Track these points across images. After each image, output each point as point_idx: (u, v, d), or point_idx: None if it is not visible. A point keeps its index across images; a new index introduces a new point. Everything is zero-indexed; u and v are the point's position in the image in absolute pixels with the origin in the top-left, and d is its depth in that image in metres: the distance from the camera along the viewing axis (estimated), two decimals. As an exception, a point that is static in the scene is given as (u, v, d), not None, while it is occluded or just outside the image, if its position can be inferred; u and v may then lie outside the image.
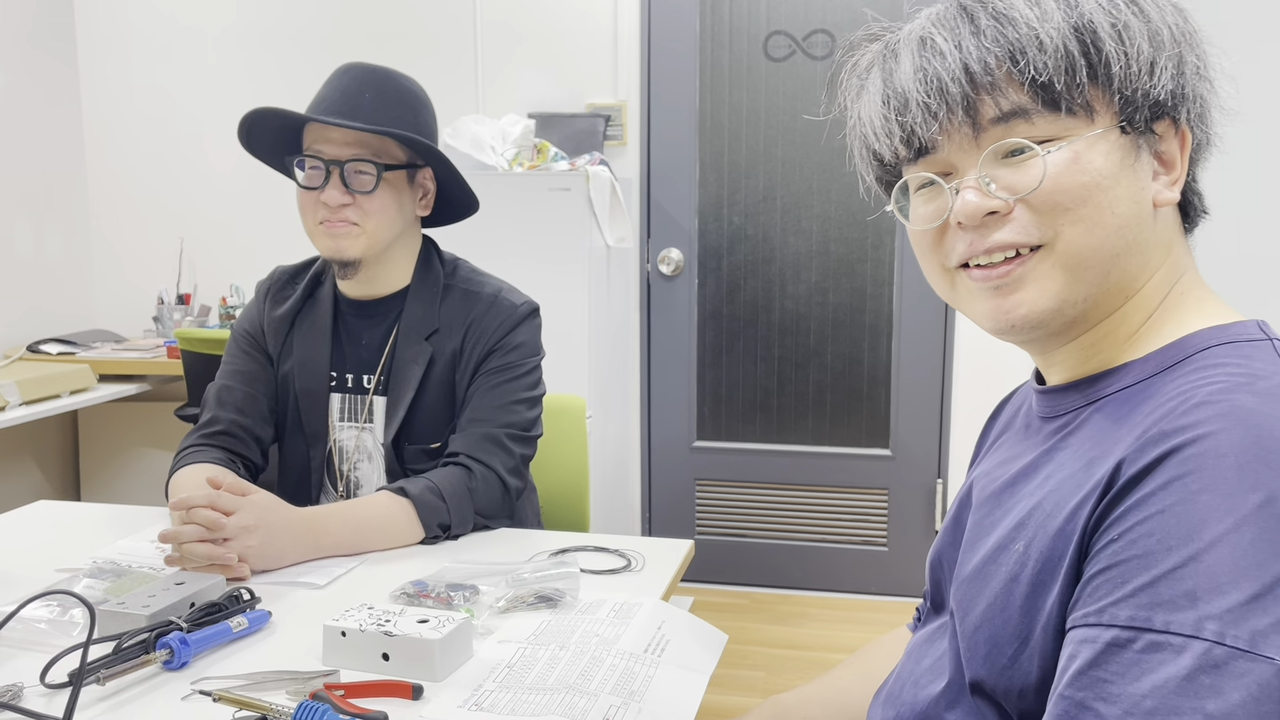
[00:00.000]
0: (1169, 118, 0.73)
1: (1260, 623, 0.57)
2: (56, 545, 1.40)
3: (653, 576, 1.29)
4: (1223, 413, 0.62)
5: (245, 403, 1.57)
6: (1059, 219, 0.71)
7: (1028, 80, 0.70)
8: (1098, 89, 0.71)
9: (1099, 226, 0.70)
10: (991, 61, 0.70)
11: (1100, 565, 0.63)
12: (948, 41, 0.72)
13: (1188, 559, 0.59)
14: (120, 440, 3.52)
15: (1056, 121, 0.70)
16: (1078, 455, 0.72)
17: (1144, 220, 0.72)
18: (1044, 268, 0.72)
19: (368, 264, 1.50)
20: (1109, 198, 0.70)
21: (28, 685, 0.96)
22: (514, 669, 1.01)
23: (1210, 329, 0.72)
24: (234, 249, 3.53)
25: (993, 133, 0.72)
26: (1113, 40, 0.70)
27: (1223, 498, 0.59)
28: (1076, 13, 0.70)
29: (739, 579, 3.41)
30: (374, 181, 1.44)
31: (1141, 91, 0.71)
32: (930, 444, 3.26)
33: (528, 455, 1.54)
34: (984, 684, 0.72)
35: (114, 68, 3.58)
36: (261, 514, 1.29)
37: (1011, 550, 0.72)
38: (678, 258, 3.31)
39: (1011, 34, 0.70)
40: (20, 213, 3.38)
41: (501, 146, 2.96)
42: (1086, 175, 0.70)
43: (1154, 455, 0.63)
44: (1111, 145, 0.71)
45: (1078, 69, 0.69)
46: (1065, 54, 0.69)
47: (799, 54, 3.20)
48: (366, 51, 3.32)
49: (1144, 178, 0.72)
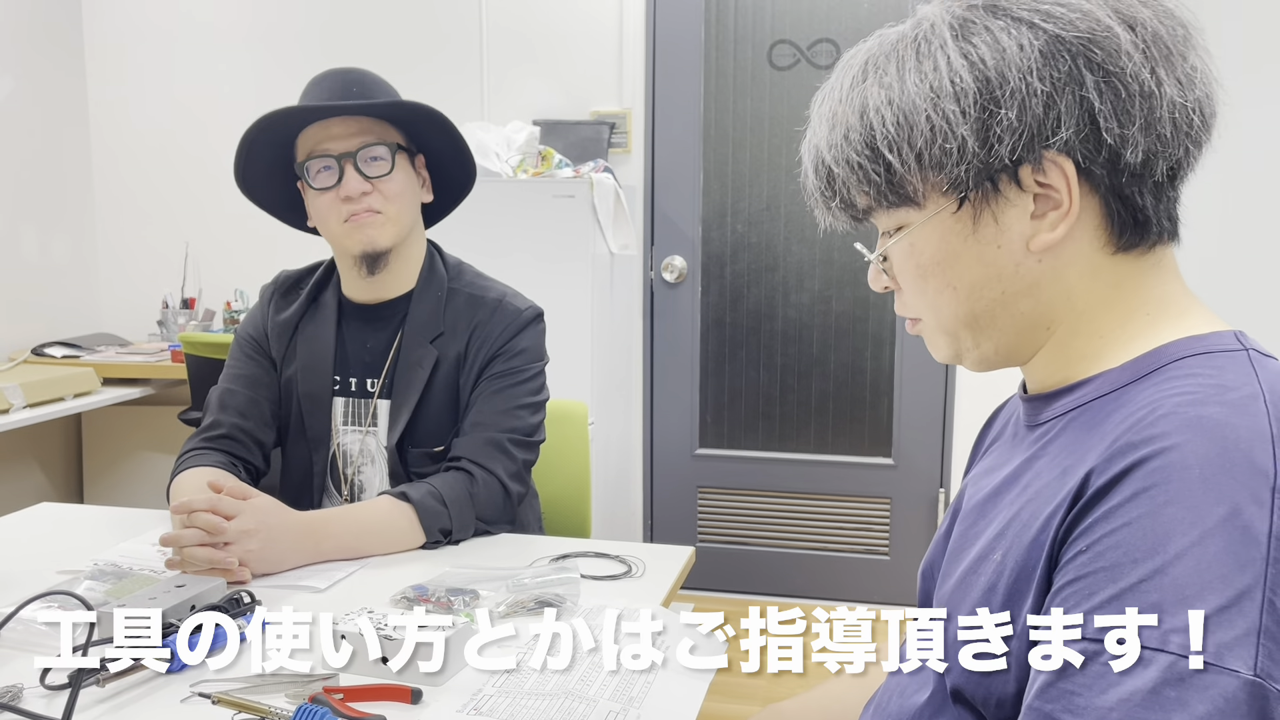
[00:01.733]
0: (1026, 164, 0.69)
1: (1225, 635, 0.57)
2: (58, 547, 1.40)
3: (653, 583, 1.29)
4: (1189, 423, 0.63)
5: (247, 406, 1.57)
6: (915, 302, 0.80)
7: (852, 191, 0.77)
8: (911, 178, 0.73)
9: (944, 305, 0.77)
10: (821, 184, 0.78)
11: (1069, 576, 0.64)
12: (808, 157, 0.79)
13: (1153, 572, 0.59)
14: (123, 443, 3.53)
15: (894, 214, 0.76)
16: (1054, 464, 0.72)
17: (1008, 273, 0.73)
18: (926, 333, 0.82)
19: (395, 255, 1.51)
20: (947, 275, 0.75)
21: (28, 686, 0.97)
22: (513, 674, 1.01)
23: (1186, 339, 0.72)
24: (239, 253, 3.54)
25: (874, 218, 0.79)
26: (891, 148, 0.72)
27: (1188, 510, 0.60)
28: (865, 123, 0.73)
29: (740, 587, 3.40)
30: (389, 165, 1.45)
31: (952, 174, 0.71)
32: (933, 453, 3.26)
33: (530, 460, 1.54)
34: (964, 692, 0.73)
35: (121, 73, 3.59)
36: (262, 518, 1.29)
37: (990, 560, 0.73)
38: (681, 265, 3.31)
39: (825, 157, 0.77)
40: (26, 216, 3.39)
41: (506, 153, 2.97)
42: (920, 266, 0.76)
43: (1121, 466, 0.63)
44: (944, 224, 0.74)
45: (871, 176, 0.74)
46: (859, 167, 0.74)
47: (803, 63, 3.20)
48: (372, 58, 3.33)
49: (999, 235, 0.72)
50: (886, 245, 0.78)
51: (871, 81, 0.73)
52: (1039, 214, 0.71)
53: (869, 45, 0.77)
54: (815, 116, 0.78)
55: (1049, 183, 0.70)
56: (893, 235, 0.78)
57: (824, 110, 0.77)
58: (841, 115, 0.75)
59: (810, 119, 0.79)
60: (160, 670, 1.00)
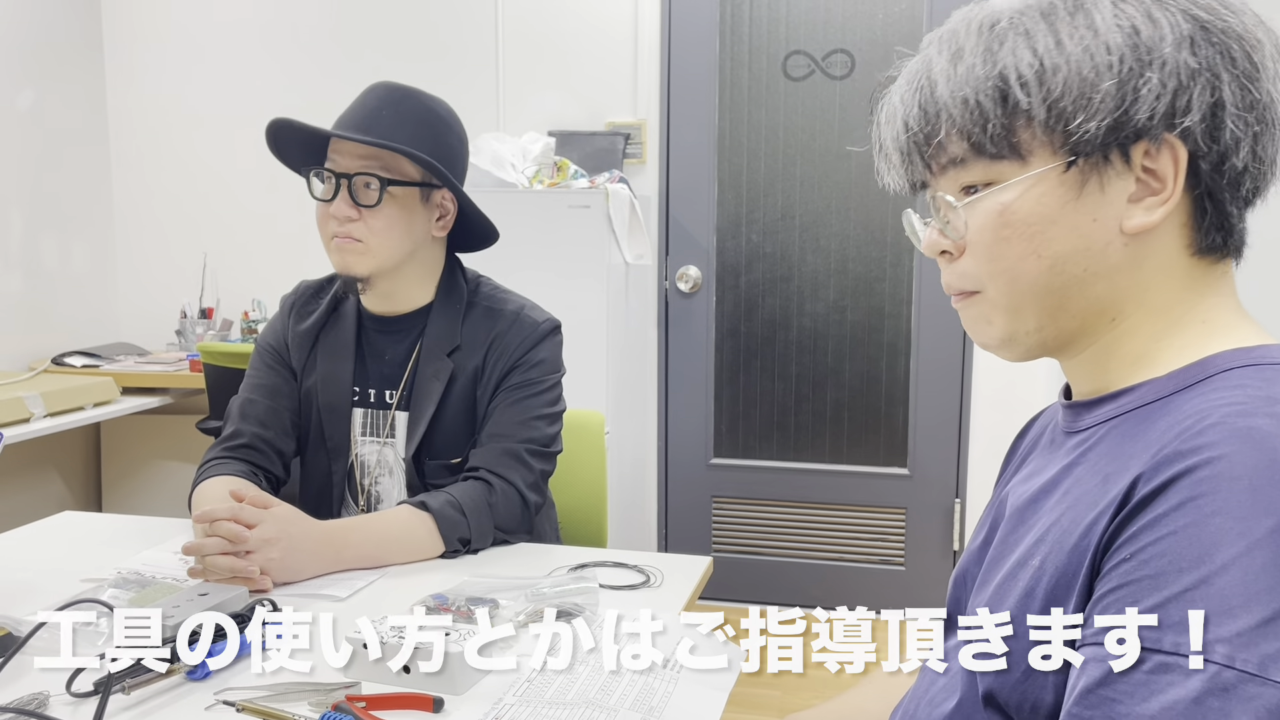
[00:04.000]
0: (1144, 140, 0.70)
1: (1270, 647, 0.57)
2: (81, 556, 1.42)
3: (672, 593, 1.30)
4: (1237, 434, 0.62)
5: (268, 416, 1.58)
6: (984, 269, 0.75)
7: (952, 133, 0.74)
8: (1026, 131, 0.72)
9: (1022, 274, 0.74)
10: (924, 120, 0.75)
11: (1111, 584, 0.63)
12: (903, 101, 0.77)
13: (1199, 581, 0.59)
14: (142, 452, 3.55)
15: (989, 167, 0.73)
16: (1095, 471, 0.72)
17: (1097, 251, 0.72)
18: (984, 309, 0.77)
19: (379, 281, 1.51)
20: (1036, 242, 0.73)
21: (54, 694, 0.98)
22: (534, 683, 1.01)
23: (1234, 350, 0.72)
24: (257, 264, 3.57)
25: (944, 178, 0.77)
26: (1023, 89, 0.70)
27: (1235, 521, 0.60)
28: (997, 63, 0.72)
29: (755, 596, 3.40)
30: (377, 196, 1.45)
31: (1074, 129, 0.70)
32: (949, 464, 3.25)
33: (547, 471, 1.55)
34: (997, 697, 0.73)
35: (140, 84, 3.63)
36: (283, 527, 1.30)
37: (1029, 565, 0.72)
38: (696, 275, 3.32)
39: (935, 94, 0.74)
40: (47, 227, 3.42)
41: (522, 164, 2.98)
42: (1009, 227, 0.73)
43: (1168, 475, 0.63)
44: (1049, 185, 0.72)
45: (990, 120, 0.72)
46: (976, 107, 0.72)
47: (818, 74, 3.21)
48: (389, 69, 3.35)
49: (1098, 208, 0.71)
50: (971, 199, 0.74)
51: (1008, 28, 0.72)
52: (1136, 198, 0.72)
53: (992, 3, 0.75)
54: (929, 51, 0.76)
55: (1154, 167, 0.71)
56: (977, 191, 0.75)
57: (942, 47, 0.75)
58: (971, 50, 0.73)
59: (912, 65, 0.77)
60: (184, 678, 1.01)
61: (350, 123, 1.48)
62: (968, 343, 3.18)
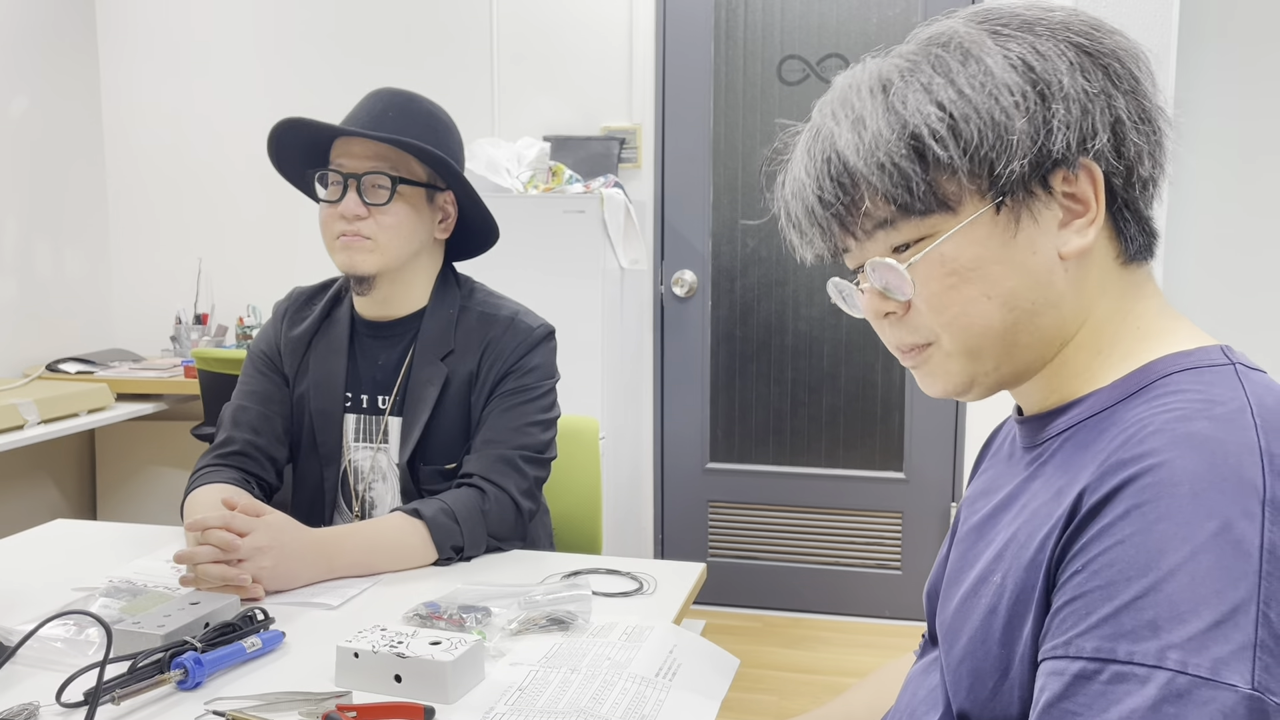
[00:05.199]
0: (1060, 169, 0.71)
1: (1221, 650, 0.57)
2: (73, 564, 1.41)
3: (665, 599, 1.30)
4: (1178, 440, 0.63)
5: (260, 423, 1.58)
6: (937, 320, 0.75)
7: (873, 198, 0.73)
8: (949, 183, 0.72)
9: (977, 317, 0.73)
10: (840, 190, 0.74)
11: (1066, 596, 0.64)
12: (809, 173, 0.76)
13: (1148, 589, 0.60)
14: (137, 459, 3.54)
15: (920, 223, 0.73)
16: (1049, 485, 0.72)
17: (1042, 282, 0.73)
18: (939, 358, 0.77)
19: (383, 281, 1.52)
20: (984, 284, 0.72)
21: (44, 704, 0.97)
22: (526, 692, 1.01)
23: (1173, 355, 0.72)
24: (251, 270, 3.57)
25: (872, 241, 0.76)
26: (939, 142, 0.70)
27: (1180, 526, 0.60)
28: (901, 123, 0.71)
29: (751, 602, 3.40)
30: (388, 194, 1.46)
31: (997, 174, 0.71)
32: (944, 467, 3.25)
33: (541, 477, 1.54)
34: (969, 716, 0.73)
35: (134, 90, 3.63)
36: (275, 535, 1.29)
37: (990, 582, 0.73)
38: (691, 279, 3.32)
39: (850, 159, 0.73)
40: (41, 233, 3.42)
41: (517, 169, 2.98)
42: (955, 274, 0.73)
43: (1112, 484, 0.64)
44: (983, 229, 0.72)
45: (912, 178, 0.71)
46: (897, 169, 0.71)
47: (813, 78, 3.22)
48: (384, 74, 3.36)
49: (1035, 240, 0.72)
50: (914, 259, 0.73)
51: (904, 87, 0.72)
52: (1064, 223, 0.73)
53: (873, 65, 0.76)
54: (826, 128, 0.75)
55: (1074, 191, 0.72)
56: (908, 248, 0.74)
57: (839, 117, 0.74)
58: (871, 119, 0.72)
59: (806, 138, 0.77)
60: (175, 687, 1.01)
61: (357, 124, 1.48)
62: (963, 346, 3.18)
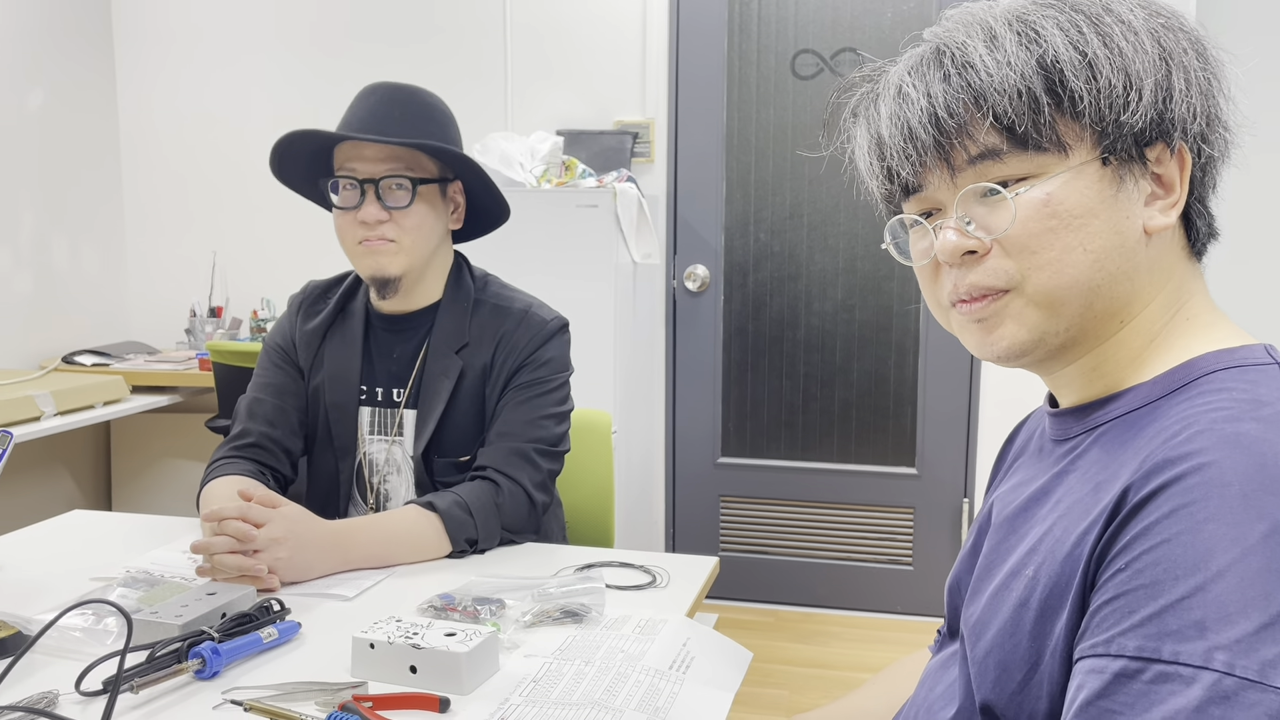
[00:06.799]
0: (1161, 142, 0.72)
1: (1269, 653, 0.56)
2: (90, 554, 1.42)
3: (678, 593, 1.30)
4: (1226, 440, 0.62)
5: (275, 415, 1.59)
6: (1026, 262, 0.72)
7: (992, 123, 0.71)
8: (1070, 124, 0.71)
9: (1069, 266, 0.71)
10: (957, 107, 0.72)
11: (1107, 595, 0.63)
12: (919, 89, 0.74)
13: (1195, 589, 0.59)
14: (152, 451, 3.57)
15: (1029, 160, 0.71)
16: (1085, 479, 0.72)
17: (1129, 249, 0.72)
18: (1016, 306, 0.74)
19: (407, 281, 1.52)
20: (1082, 235, 0.71)
21: (63, 692, 0.98)
22: (540, 683, 1.01)
23: (1217, 352, 0.72)
24: (266, 263, 3.58)
25: (968, 173, 0.74)
26: (1078, 77, 0.70)
27: (1229, 527, 0.59)
28: (1039, 51, 0.70)
29: (763, 596, 3.40)
30: (409, 197, 1.46)
31: (1118, 123, 0.70)
32: (956, 463, 3.25)
33: (555, 470, 1.55)
34: (993, 708, 0.72)
35: (150, 83, 3.64)
36: (291, 526, 1.30)
37: (1022, 576, 0.72)
38: (704, 274, 3.32)
39: (974, 79, 0.71)
40: (57, 226, 3.44)
41: (530, 163, 2.99)
42: (1056, 217, 0.71)
43: (1158, 483, 0.63)
44: (1090, 179, 0.71)
45: (1042, 108, 0.70)
46: (1028, 95, 0.70)
47: (826, 72, 3.21)
48: (399, 69, 3.37)
49: (1130, 206, 0.72)
50: (1022, 190, 0.71)
51: (1044, 20, 0.70)
52: (1148, 201, 0.73)
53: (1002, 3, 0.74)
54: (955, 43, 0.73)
55: (1161, 173, 0.73)
56: (1006, 187, 0.72)
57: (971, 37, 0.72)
58: (1009, 43, 0.70)
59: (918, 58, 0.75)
60: (192, 677, 1.01)
61: (363, 125, 1.47)
62: (976, 342, 3.17)
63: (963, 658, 0.79)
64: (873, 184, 0.81)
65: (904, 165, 0.76)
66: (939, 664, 0.88)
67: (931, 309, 0.82)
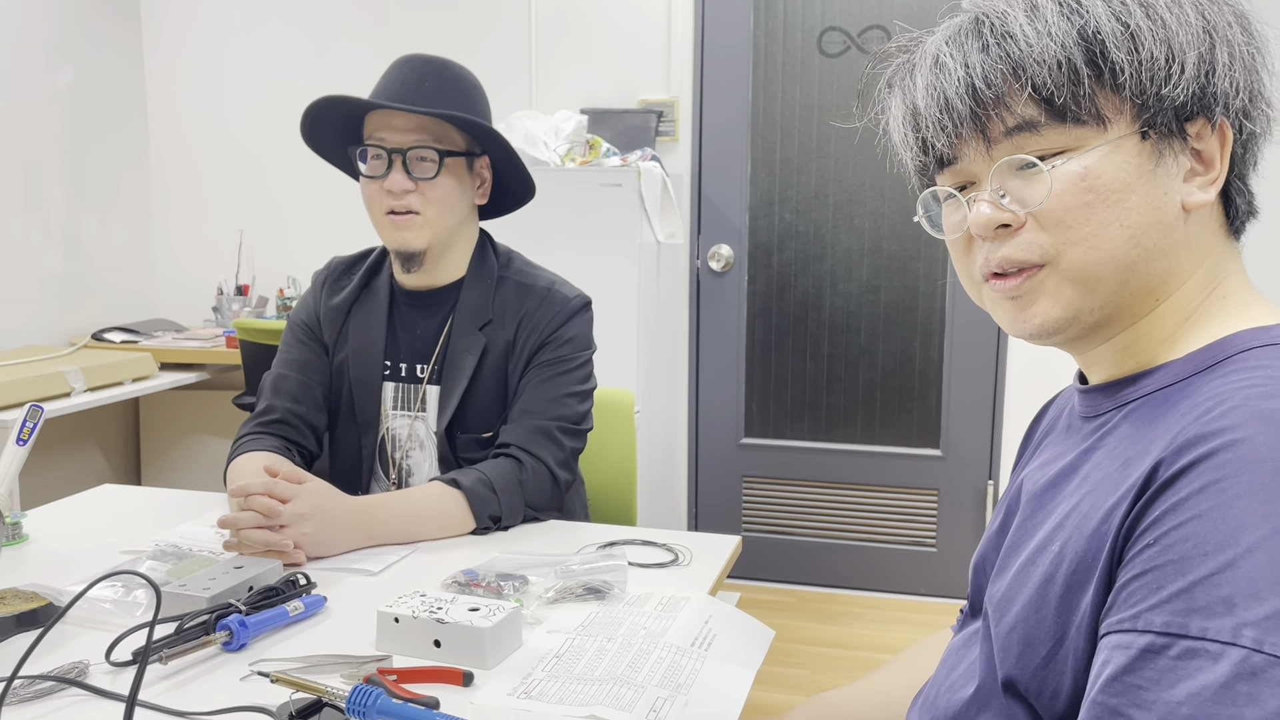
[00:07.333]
0: (1202, 117, 0.71)
1: None
2: (120, 528, 1.44)
3: (700, 571, 1.30)
4: (1259, 416, 0.61)
5: (300, 391, 1.60)
6: (1062, 236, 0.71)
7: (1030, 94, 0.70)
8: (1110, 97, 0.70)
9: (1105, 241, 0.70)
10: (995, 78, 0.71)
11: (1135, 570, 0.63)
12: (955, 59, 0.73)
13: (1225, 565, 0.58)
14: (180, 427, 3.61)
15: (1067, 132, 0.70)
16: (1114, 455, 0.71)
17: (1167, 225, 0.71)
18: (1051, 283, 0.73)
19: (431, 255, 1.53)
20: (1119, 210, 0.70)
21: (93, 663, 1.00)
22: (562, 659, 1.02)
23: (1252, 330, 0.71)
24: (291, 242, 3.60)
25: (1004, 145, 0.73)
26: (1120, 48, 0.68)
27: (1260, 504, 0.59)
28: (1080, 22, 0.69)
29: (785, 577, 3.40)
30: (436, 168, 1.46)
31: (1159, 96, 0.69)
32: (982, 445, 3.23)
33: (578, 448, 1.55)
34: (1016, 684, 0.72)
35: (178, 61, 3.66)
36: (317, 502, 1.31)
37: (1049, 551, 0.72)
38: (728, 254, 3.31)
39: (1013, 49, 0.70)
40: (87, 204, 3.47)
41: (554, 142, 2.98)
42: (1093, 192, 0.70)
43: (1189, 458, 0.62)
44: (1128, 153, 0.70)
45: (1082, 80, 0.69)
46: (1068, 66, 0.69)
47: (853, 50, 3.17)
48: (423, 45, 3.36)
49: (1169, 181, 0.71)
50: (1059, 163, 0.70)
51: None
52: (1187, 177, 0.72)
53: None
54: (995, 12, 0.72)
55: (1202, 149, 0.72)
56: (1043, 160, 0.71)
57: (1011, 6, 0.71)
58: (1050, 12, 0.70)
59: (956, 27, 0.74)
60: (220, 649, 1.03)
61: (394, 95, 1.47)
62: (1003, 323, 3.14)
63: (985, 635, 0.78)
64: (907, 156, 0.81)
65: (939, 137, 0.75)
66: (960, 643, 0.88)
67: (963, 283, 0.81)
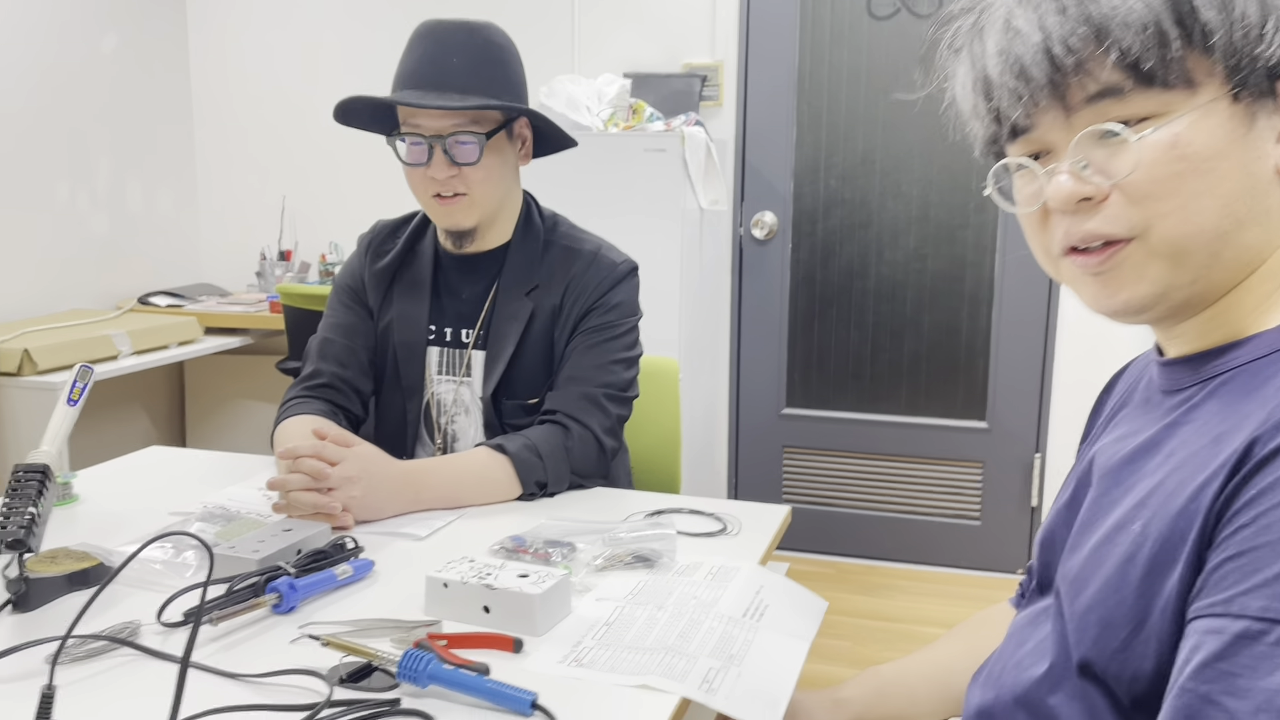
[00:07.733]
0: None
1: None
2: (169, 490, 1.45)
3: (749, 541, 1.28)
4: None
5: (346, 355, 1.59)
6: (1151, 209, 0.67)
7: (1114, 58, 0.65)
8: (1199, 58, 0.65)
9: (1197, 213, 0.66)
10: (1075, 42, 0.66)
11: (1229, 552, 0.59)
12: (1030, 21, 0.68)
13: None
14: (224, 391, 3.64)
15: (1154, 98, 0.66)
16: (1203, 431, 0.67)
17: (1260, 191, 0.67)
18: (1139, 257, 0.68)
19: (482, 229, 1.52)
20: (1210, 179, 0.66)
21: (144, 623, 1.00)
22: (612, 627, 1.00)
23: None
24: (334, 207, 3.60)
25: (1085, 113, 0.68)
26: (1210, 7, 0.64)
27: None
28: None
29: (826, 548, 3.38)
30: (478, 152, 1.44)
31: (1251, 57, 0.65)
32: (1029, 418, 3.17)
33: (624, 416, 1.53)
34: (1093, 666, 0.69)
35: (221, 27, 3.65)
36: (365, 465, 1.31)
37: (1129, 530, 0.68)
38: (771, 221, 3.26)
39: (1094, 10, 0.66)
40: (133, 171, 3.49)
41: (597, 106, 2.94)
42: (1184, 161, 0.66)
43: None
44: (1219, 118, 0.66)
45: (1171, 42, 0.64)
46: (1156, 28, 0.64)
47: (904, 12, 3.10)
48: (465, 11, 3.32)
49: (1262, 144, 0.67)
50: (1148, 131, 0.66)
51: None
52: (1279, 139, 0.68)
53: None
54: None
55: None
56: (1128, 128, 0.67)
57: None
58: None
59: None
60: (269, 611, 1.02)
61: (422, 80, 1.43)
62: (1053, 293, 3.08)
63: (1057, 613, 0.75)
64: (977, 125, 0.76)
65: (1014, 106, 0.70)
66: (1027, 619, 0.85)
67: (1038, 258, 0.77)
